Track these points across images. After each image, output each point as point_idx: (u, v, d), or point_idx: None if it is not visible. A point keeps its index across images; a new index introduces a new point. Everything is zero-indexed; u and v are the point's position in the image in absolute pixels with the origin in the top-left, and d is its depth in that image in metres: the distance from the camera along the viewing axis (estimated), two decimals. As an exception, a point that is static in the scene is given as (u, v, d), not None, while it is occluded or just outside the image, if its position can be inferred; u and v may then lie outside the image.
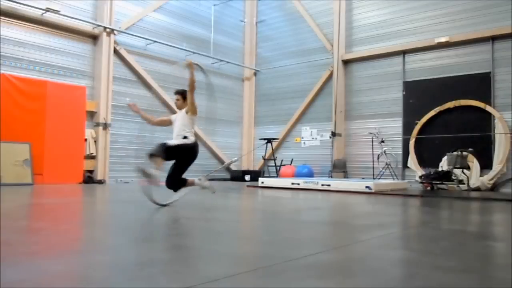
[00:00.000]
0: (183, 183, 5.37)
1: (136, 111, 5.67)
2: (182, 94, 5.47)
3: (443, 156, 10.00)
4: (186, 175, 5.40)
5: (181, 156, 5.23)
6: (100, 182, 10.46)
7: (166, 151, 4.95)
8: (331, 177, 11.96)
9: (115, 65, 11.23)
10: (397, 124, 11.67)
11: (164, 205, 5.07)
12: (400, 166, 11.47)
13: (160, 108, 12.31)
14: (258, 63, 15.06)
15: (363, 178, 11.41)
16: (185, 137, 5.24)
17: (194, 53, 12.99)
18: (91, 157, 10.61)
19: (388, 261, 2.52)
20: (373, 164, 11.63)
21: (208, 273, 2.09)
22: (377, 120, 12.06)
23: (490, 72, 10.22)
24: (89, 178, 10.35)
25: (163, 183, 5.20)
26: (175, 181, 5.31)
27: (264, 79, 14.89)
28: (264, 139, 13.48)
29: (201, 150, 16.10)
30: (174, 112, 5.97)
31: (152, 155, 4.86)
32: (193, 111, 5.33)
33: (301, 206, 6.28)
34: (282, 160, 13.34)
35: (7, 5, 9.39)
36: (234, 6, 14.72)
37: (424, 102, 11.03)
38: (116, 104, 11.19)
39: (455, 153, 9.15)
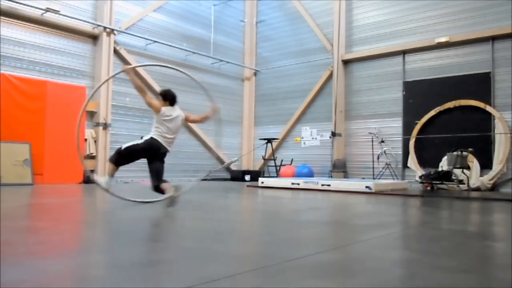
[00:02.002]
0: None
1: (131, 78, 5.24)
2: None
3: (443, 156, 9.99)
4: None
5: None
6: (100, 182, 10.44)
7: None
8: (331, 177, 11.95)
9: (115, 65, 11.22)
10: (397, 124, 11.66)
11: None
12: (400, 166, 11.46)
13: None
14: (258, 63, 15.05)
15: (363, 178, 11.40)
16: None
17: (194, 53, 13.00)
18: (91, 157, 10.62)
19: (388, 261, 2.52)
20: (373, 164, 11.63)
21: (208, 273, 2.09)
22: (377, 120, 12.06)
23: (490, 72, 10.21)
24: (89, 178, 10.33)
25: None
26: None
27: (264, 79, 14.88)
28: (264, 139, 13.48)
29: (201, 150, 15.91)
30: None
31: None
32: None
33: (301, 206, 6.28)
34: (282, 160, 13.34)
35: (7, 5, 9.39)
36: (234, 6, 14.72)
37: (424, 102, 11.02)
38: (116, 104, 11.19)
39: (455, 153, 9.15)
